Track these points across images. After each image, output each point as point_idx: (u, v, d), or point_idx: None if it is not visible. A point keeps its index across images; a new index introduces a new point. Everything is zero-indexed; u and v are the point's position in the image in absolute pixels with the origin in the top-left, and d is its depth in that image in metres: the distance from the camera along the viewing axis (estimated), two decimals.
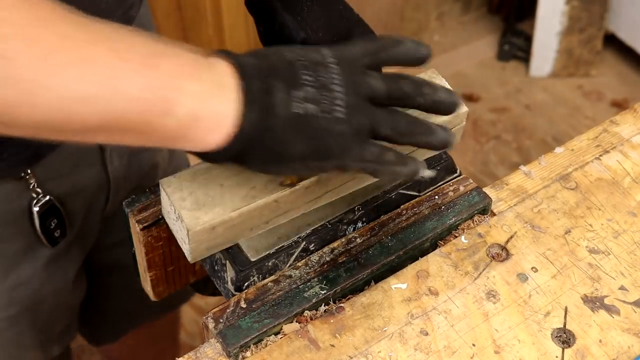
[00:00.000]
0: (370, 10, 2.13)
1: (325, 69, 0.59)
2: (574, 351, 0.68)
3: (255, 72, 0.58)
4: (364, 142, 0.59)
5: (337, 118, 0.58)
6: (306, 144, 0.58)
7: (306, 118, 0.57)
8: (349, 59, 0.60)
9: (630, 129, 0.85)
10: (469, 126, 2.28)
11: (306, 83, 0.58)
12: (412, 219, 0.74)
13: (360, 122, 0.59)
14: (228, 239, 0.66)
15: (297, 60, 0.59)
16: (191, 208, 0.63)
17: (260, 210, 0.65)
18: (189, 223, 0.62)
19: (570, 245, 0.75)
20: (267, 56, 0.59)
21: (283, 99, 0.57)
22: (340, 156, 0.59)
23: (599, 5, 2.28)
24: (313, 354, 0.66)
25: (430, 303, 0.70)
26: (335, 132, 0.58)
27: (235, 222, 0.64)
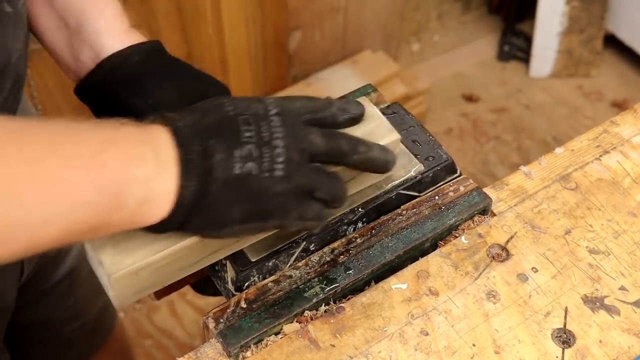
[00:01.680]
0: (370, 10, 2.13)
1: (267, 123, 0.58)
2: (574, 351, 0.68)
3: (194, 135, 0.57)
4: (304, 201, 0.60)
5: (277, 177, 0.58)
6: (246, 206, 0.58)
7: (246, 178, 0.57)
8: (290, 112, 0.60)
9: (630, 130, 0.86)
10: (469, 126, 2.28)
11: (247, 140, 0.57)
12: (412, 219, 0.74)
13: (301, 181, 0.59)
14: (155, 282, 0.64)
15: (238, 115, 0.58)
16: (112, 253, 0.61)
17: (187, 250, 0.63)
18: (110, 268, 0.60)
19: (571, 245, 0.75)
20: (208, 113, 0.59)
21: (222, 160, 0.57)
22: (281, 216, 0.60)
23: (599, 5, 2.28)
24: (313, 354, 0.66)
25: (430, 303, 0.70)
26: (275, 192, 0.58)
27: (160, 264, 0.62)
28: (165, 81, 0.70)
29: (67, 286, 1.03)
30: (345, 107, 0.63)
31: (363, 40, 2.19)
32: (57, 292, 1.02)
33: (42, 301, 1.01)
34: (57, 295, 1.03)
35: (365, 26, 2.17)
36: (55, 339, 1.08)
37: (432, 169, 0.76)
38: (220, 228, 0.59)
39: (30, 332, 1.05)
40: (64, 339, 1.09)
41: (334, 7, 2.04)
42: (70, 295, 1.04)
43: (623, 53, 2.43)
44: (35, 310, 1.02)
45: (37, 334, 1.06)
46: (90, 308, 1.10)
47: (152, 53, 0.72)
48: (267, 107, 0.59)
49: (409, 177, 0.75)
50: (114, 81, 0.70)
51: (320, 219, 0.62)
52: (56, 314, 1.05)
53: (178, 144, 0.56)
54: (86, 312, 1.09)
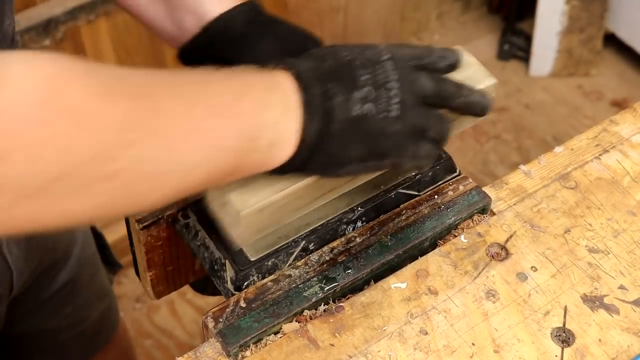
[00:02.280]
0: (371, 10, 2.13)
1: (381, 67, 0.61)
2: (573, 350, 0.68)
3: (314, 79, 0.60)
4: (418, 140, 0.62)
5: (393, 117, 0.60)
6: (364, 145, 0.61)
7: (364, 119, 0.60)
8: (401, 57, 0.62)
9: (629, 129, 0.85)
10: None
11: (364, 83, 0.60)
12: (411, 219, 0.74)
13: (415, 121, 0.61)
14: (274, 221, 0.67)
15: (354, 60, 0.61)
16: (239, 192, 0.63)
17: (305, 189, 0.65)
18: (239, 206, 0.63)
19: (570, 244, 0.75)
20: (325, 58, 0.62)
21: (342, 102, 0.59)
22: (397, 155, 0.62)
23: (598, 4, 2.28)
24: (312, 353, 0.66)
25: (429, 302, 0.70)
26: (392, 131, 0.61)
27: (281, 203, 0.64)
28: (268, 39, 0.74)
29: (65, 295, 1.02)
30: (445, 54, 0.66)
31: (363, 40, 2.19)
32: (54, 302, 1.02)
33: (37, 312, 1.01)
34: (54, 305, 1.02)
35: (365, 26, 2.17)
36: (51, 346, 1.08)
37: (431, 168, 0.76)
38: (340, 167, 0.62)
39: (25, 341, 1.05)
40: (61, 345, 1.08)
41: (334, 6, 2.04)
42: (69, 304, 1.04)
43: (623, 52, 2.43)
44: (30, 321, 1.02)
45: (32, 343, 1.06)
46: (91, 313, 1.10)
47: (253, 13, 0.75)
48: (380, 52, 0.62)
49: (408, 176, 0.75)
50: (220, 42, 0.73)
51: (431, 157, 0.65)
52: (53, 322, 1.04)
53: (301, 88, 0.59)
54: (85, 318, 1.08)
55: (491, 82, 0.70)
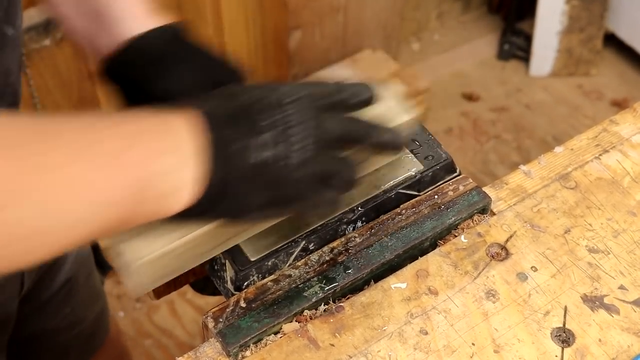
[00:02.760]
0: (371, 10, 2.13)
1: (282, 111, 0.58)
2: (573, 350, 0.68)
3: (217, 121, 0.57)
4: (321, 188, 0.60)
5: (294, 164, 0.58)
6: (265, 193, 0.59)
7: (264, 167, 0.57)
8: (304, 99, 0.60)
9: (630, 128, 0.85)
10: (469, 126, 2.28)
11: (270, 125, 0.57)
12: (411, 219, 0.74)
13: (317, 169, 0.59)
14: (173, 269, 0.64)
15: (255, 104, 0.59)
16: (131, 243, 0.61)
17: (205, 237, 0.63)
18: (130, 257, 0.60)
19: (570, 244, 0.75)
20: (232, 98, 0.59)
21: (240, 149, 0.57)
22: (299, 203, 0.60)
23: (599, 4, 2.28)
24: (313, 353, 0.66)
25: (429, 302, 0.70)
26: (293, 179, 0.58)
27: (179, 251, 0.62)
28: (187, 65, 0.71)
29: (64, 295, 1.02)
30: (358, 91, 0.63)
31: (363, 40, 2.19)
32: (55, 302, 1.02)
33: (40, 312, 1.01)
34: (55, 305, 1.02)
35: (366, 25, 2.17)
36: (51, 348, 1.08)
37: (431, 168, 0.76)
38: (240, 215, 0.60)
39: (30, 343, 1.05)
40: (61, 347, 1.08)
41: (334, 6, 2.04)
42: (68, 304, 1.04)
43: (623, 52, 2.43)
44: (33, 321, 1.02)
45: (33, 344, 1.06)
46: (88, 314, 1.10)
47: (175, 36, 0.73)
48: (280, 95, 0.59)
49: (408, 176, 0.75)
50: (137, 63, 0.71)
51: (336, 205, 0.63)
52: (53, 323, 1.04)
53: (201, 132, 0.57)
54: (83, 319, 1.08)
55: (409, 116, 0.67)
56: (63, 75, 1.64)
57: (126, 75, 0.72)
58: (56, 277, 1.00)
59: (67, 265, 1.01)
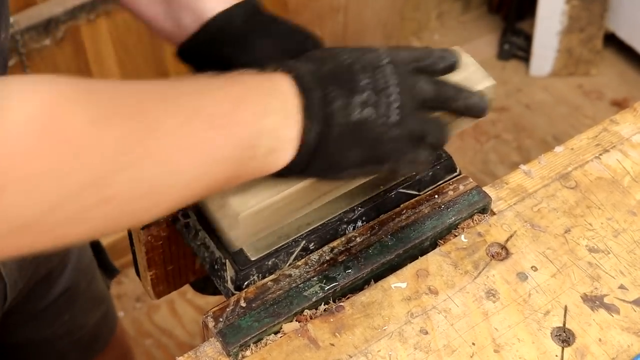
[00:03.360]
0: (371, 10, 2.13)
1: (381, 71, 0.60)
2: (573, 350, 0.68)
3: (314, 83, 0.59)
4: (416, 146, 0.62)
5: (393, 122, 0.60)
6: (364, 150, 0.61)
7: (364, 124, 0.59)
8: (401, 61, 0.62)
9: (630, 128, 0.85)
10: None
11: (364, 87, 0.59)
12: (412, 218, 0.74)
13: (414, 127, 0.61)
14: (272, 222, 0.67)
15: (354, 64, 0.61)
16: (237, 195, 0.63)
17: (304, 191, 0.65)
18: (237, 208, 0.63)
19: (570, 244, 0.75)
20: (325, 61, 0.61)
21: (342, 107, 0.59)
22: (395, 160, 0.62)
23: (599, 4, 2.28)
24: (313, 353, 0.66)
25: (430, 302, 0.70)
26: (391, 137, 0.60)
27: (279, 204, 0.64)
28: (268, 38, 0.73)
29: (62, 304, 1.02)
30: (444, 56, 0.65)
31: (363, 40, 2.19)
32: (51, 311, 1.01)
33: (35, 321, 1.01)
34: (52, 313, 1.02)
35: (366, 25, 2.17)
36: (49, 354, 1.07)
37: (431, 168, 0.76)
38: (339, 171, 0.62)
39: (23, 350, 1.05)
40: (59, 353, 1.08)
41: (334, 6, 2.04)
42: (66, 312, 1.04)
43: (623, 52, 2.43)
44: (27, 330, 1.02)
45: (30, 351, 1.06)
46: (88, 320, 1.09)
47: (252, 11, 0.74)
48: (379, 55, 0.62)
49: (408, 175, 0.75)
50: (220, 41, 0.73)
51: (428, 163, 0.66)
52: (50, 331, 1.04)
53: (300, 92, 0.59)
54: (83, 325, 1.08)
55: (490, 83, 0.70)
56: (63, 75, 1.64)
57: (210, 54, 0.73)
58: (53, 287, 1.00)
59: (66, 275, 1.01)
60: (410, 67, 0.63)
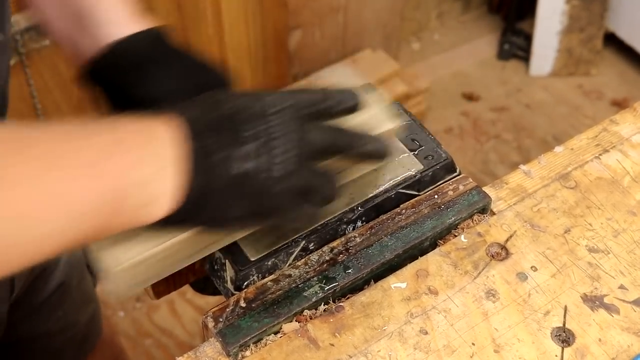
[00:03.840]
0: (371, 10, 2.13)
1: (265, 122, 0.58)
2: (573, 350, 0.68)
3: (193, 132, 0.57)
4: (301, 203, 0.60)
5: (276, 177, 0.57)
6: (246, 204, 0.58)
7: (245, 178, 0.57)
8: (288, 109, 0.59)
9: (630, 128, 0.85)
10: (469, 125, 2.28)
11: (252, 136, 0.57)
12: (411, 218, 0.74)
13: (299, 183, 0.59)
14: (152, 275, 0.64)
15: (239, 113, 0.58)
16: (110, 249, 0.61)
17: (184, 243, 0.63)
18: (109, 263, 0.61)
19: (570, 244, 0.75)
20: (215, 107, 0.58)
21: (226, 157, 0.56)
22: (278, 217, 0.60)
23: (599, 4, 2.28)
24: (313, 353, 0.66)
25: (429, 302, 0.70)
26: (275, 192, 0.58)
27: (158, 257, 0.62)
28: (168, 70, 0.71)
29: (57, 299, 1.02)
30: (344, 98, 0.63)
31: (363, 40, 2.19)
32: (47, 306, 1.01)
33: (33, 316, 1.01)
34: (48, 308, 1.02)
35: (366, 25, 2.17)
36: (44, 351, 1.07)
37: (431, 168, 0.76)
38: (224, 223, 0.60)
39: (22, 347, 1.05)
40: (54, 351, 1.08)
41: (334, 6, 2.04)
42: (60, 308, 1.03)
43: (623, 52, 2.43)
44: (25, 325, 1.02)
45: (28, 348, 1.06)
46: (80, 317, 1.09)
47: (156, 41, 0.72)
48: (265, 105, 0.59)
49: (408, 175, 0.75)
50: (119, 67, 0.70)
51: (315, 219, 0.64)
52: (46, 327, 1.04)
53: (182, 141, 0.56)
54: (76, 322, 1.08)
55: (393, 124, 0.67)
56: (63, 75, 1.64)
57: (108, 79, 0.71)
58: (48, 281, 1.00)
59: (59, 270, 1.01)
60: (303, 113, 0.59)
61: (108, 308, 1.81)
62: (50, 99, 1.67)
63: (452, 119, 2.30)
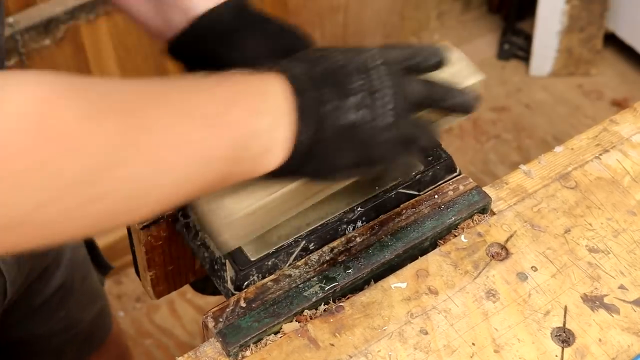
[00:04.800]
0: (371, 9, 2.13)
1: (374, 72, 0.60)
2: (573, 350, 0.68)
3: (307, 84, 0.59)
4: (408, 149, 0.63)
5: (386, 125, 0.60)
6: (356, 152, 0.61)
7: (357, 127, 0.59)
8: (393, 61, 0.62)
9: (630, 128, 0.85)
10: (469, 125, 2.28)
11: (358, 89, 0.59)
12: (411, 218, 0.74)
13: (406, 130, 0.61)
14: (265, 223, 0.67)
15: (347, 65, 0.60)
16: (228, 196, 0.63)
17: (295, 191, 0.65)
18: (231, 210, 0.63)
19: (570, 244, 0.75)
20: (318, 62, 0.61)
21: (335, 108, 0.59)
22: (387, 163, 0.62)
23: (599, 4, 2.28)
24: (313, 353, 0.66)
25: (429, 302, 0.70)
26: (384, 139, 0.60)
27: (272, 205, 0.64)
28: (257, 36, 0.73)
29: (58, 300, 1.02)
30: (433, 53, 0.65)
31: (363, 40, 2.19)
32: (48, 307, 1.01)
33: (32, 318, 1.01)
34: (48, 309, 1.02)
35: (366, 25, 2.17)
36: (45, 351, 1.07)
37: (431, 168, 0.76)
38: (332, 173, 0.62)
39: (20, 347, 1.05)
40: (55, 350, 1.08)
41: (334, 6, 2.04)
42: (62, 308, 1.03)
43: (623, 52, 2.43)
44: (24, 327, 1.02)
45: (27, 348, 1.06)
46: (84, 316, 1.09)
47: (242, 8, 0.74)
48: (372, 56, 0.61)
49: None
50: (208, 38, 0.72)
51: (413, 168, 0.67)
52: (47, 327, 1.04)
53: (293, 93, 0.58)
54: (79, 321, 1.08)
55: (478, 78, 0.71)
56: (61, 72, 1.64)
57: (200, 51, 0.73)
58: (49, 283, 1.00)
59: (60, 271, 1.01)
60: (402, 65, 0.63)
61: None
62: None
63: None
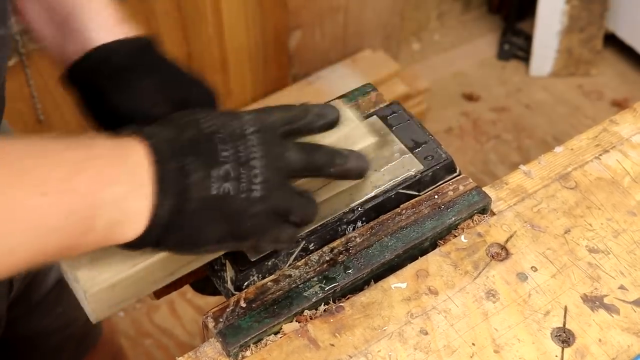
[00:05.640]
0: (371, 10, 2.13)
1: (244, 142, 0.57)
2: (573, 350, 0.68)
3: (171, 152, 0.56)
4: (280, 224, 0.59)
5: (255, 198, 0.57)
6: (223, 226, 0.57)
7: (224, 199, 0.56)
8: (270, 127, 0.59)
9: (630, 128, 0.85)
10: (469, 125, 2.28)
11: (225, 159, 0.56)
12: (411, 219, 0.74)
13: (279, 203, 0.58)
14: (129, 295, 0.64)
15: (216, 133, 0.57)
16: (87, 269, 0.60)
17: (160, 264, 0.63)
18: (86, 284, 0.60)
19: (570, 244, 0.75)
20: (187, 127, 0.58)
21: (200, 180, 0.56)
22: (256, 238, 0.59)
23: (599, 4, 2.28)
24: (313, 353, 0.66)
25: (429, 302, 0.70)
26: (252, 213, 0.57)
27: (134, 278, 0.62)
28: (154, 80, 0.70)
29: (56, 295, 1.02)
30: (322, 113, 0.62)
31: (363, 40, 2.19)
32: (46, 303, 1.01)
33: (32, 313, 1.01)
34: (47, 305, 1.02)
35: (366, 25, 2.17)
36: (43, 348, 1.07)
37: (431, 168, 0.76)
38: (196, 246, 0.59)
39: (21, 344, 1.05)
40: (53, 348, 1.08)
41: (334, 6, 2.04)
42: (60, 305, 1.03)
43: (623, 52, 2.43)
44: (25, 323, 1.02)
45: (27, 345, 1.05)
46: (80, 314, 1.09)
47: (142, 49, 0.71)
48: (243, 124, 0.58)
49: (408, 176, 0.75)
50: (101, 73, 0.69)
51: (292, 241, 0.62)
52: (45, 324, 1.04)
53: (154, 162, 0.55)
54: (75, 319, 1.08)
55: (370, 141, 0.67)
56: None
57: (89, 84, 0.70)
58: (47, 278, 1.00)
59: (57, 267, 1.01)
60: (281, 131, 0.59)
61: None
62: (50, 99, 1.67)
63: (452, 119, 2.30)
